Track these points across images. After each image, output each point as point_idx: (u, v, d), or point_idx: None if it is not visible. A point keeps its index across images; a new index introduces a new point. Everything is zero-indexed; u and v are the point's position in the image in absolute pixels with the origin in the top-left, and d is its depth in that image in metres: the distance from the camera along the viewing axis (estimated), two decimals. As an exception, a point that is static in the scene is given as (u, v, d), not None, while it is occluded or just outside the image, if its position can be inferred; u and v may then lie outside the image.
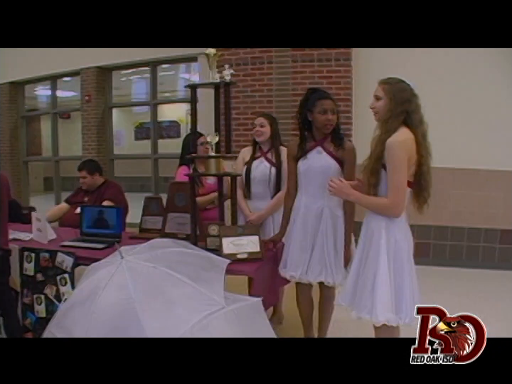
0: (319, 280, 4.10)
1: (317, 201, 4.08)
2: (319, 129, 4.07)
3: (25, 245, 4.76)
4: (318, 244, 4.07)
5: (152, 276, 3.04)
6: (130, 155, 13.53)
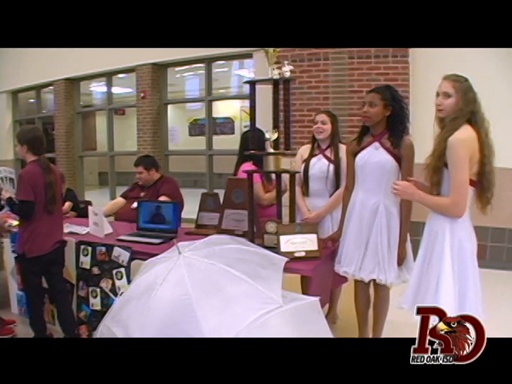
0: (371, 277, 4.04)
1: (372, 197, 4.02)
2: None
3: (82, 239, 4.81)
4: (372, 241, 4.01)
5: (210, 272, 3.00)
6: (185, 151, 13.59)
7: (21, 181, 4.42)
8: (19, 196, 4.41)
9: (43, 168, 4.47)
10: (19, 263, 4.89)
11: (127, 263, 4.37)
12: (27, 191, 4.37)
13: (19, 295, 5.63)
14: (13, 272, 5.64)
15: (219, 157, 10.26)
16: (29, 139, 4.52)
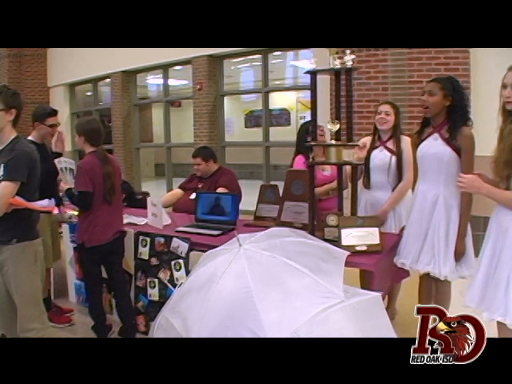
0: (426, 270, 3.94)
1: (432, 188, 3.92)
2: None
3: (141, 229, 4.84)
4: (430, 233, 3.91)
5: (271, 265, 2.96)
6: (242, 142, 13.57)
7: (79, 172, 4.46)
8: (77, 187, 4.44)
9: (100, 159, 4.50)
10: (78, 252, 4.93)
11: (185, 254, 4.36)
12: (85, 182, 4.40)
13: (77, 284, 5.70)
14: (71, 262, 5.71)
15: (275, 149, 10.21)
16: (87, 131, 4.57)
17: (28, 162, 3.52)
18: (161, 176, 15.21)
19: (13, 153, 3.48)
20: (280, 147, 10.58)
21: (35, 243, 3.67)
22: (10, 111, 3.52)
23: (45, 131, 4.96)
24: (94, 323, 4.85)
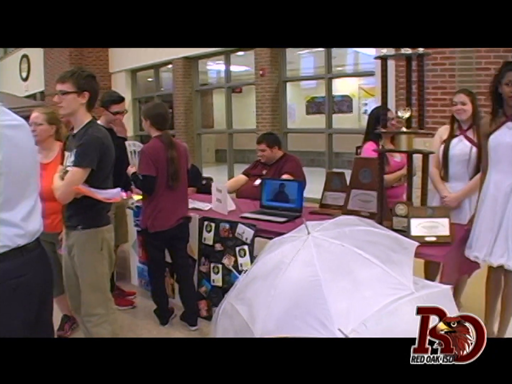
0: (499, 263, 3.80)
1: (507, 179, 3.79)
2: (507, 103, 3.76)
3: (205, 215, 4.84)
4: (504, 225, 3.78)
5: (340, 254, 2.89)
6: (304, 129, 13.50)
7: (143, 156, 4.49)
8: (141, 171, 4.48)
9: (165, 143, 4.52)
10: (142, 237, 4.97)
11: (250, 241, 4.35)
12: (149, 166, 4.43)
13: (140, 267, 5.77)
14: (134, 245, 5.77)
15: (336, 136, 10.10)
16: (153, 115, 4.60)
17: (99, 148, 3.48)
18: (221, 162, 15.30)
19: (84, 139, 3.46)
20: (343, 134, 10.47)
21: (103, 230, 3.66)
22: (82, 94, 3.49)
23: (109, 118, 5.00)
24: (156, 307, 4.89)
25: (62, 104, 3.49)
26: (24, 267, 2.43)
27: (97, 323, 3.68)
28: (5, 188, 2.35)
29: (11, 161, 2.38)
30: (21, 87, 18.10)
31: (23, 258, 2.43)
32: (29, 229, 2.48)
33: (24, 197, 2.47)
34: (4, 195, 2.35)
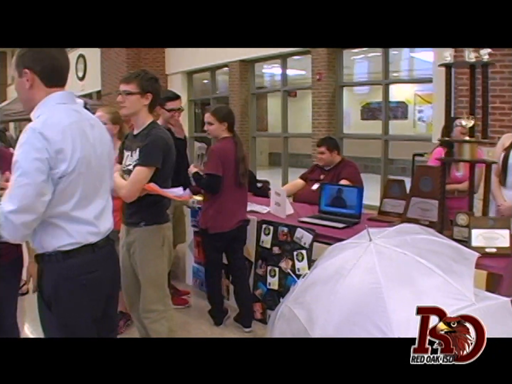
0: None
1: None
2: None
3: (264, 218, 4.87)
4: None
5: (401, 262, 2.88)
6: (360, 135, 13.39)
7: (212, 155, 4.55)
8: (207, 170, 4.52)
9: (236, 144, 4.58)
10: (201, 238, 5.02)
11: (309, 245, 4.36)
12: (216, 165, 4.49)
13: (195, 267, 5.84)
14: (190, 245, 5.84)
15: (391, 142, 10.02)
16: (227, 117, 4.67)
17: (163, 148, 3.58)
18: (275, 165, 15.33)
19: (149, 139, 3.56)
20: (400, 140, 10.37)
21: (164, 227, 3.76)
22: (146, 95, 3.60)
23: (166, 116, 5.07)
24: (211, 307, 4.94)
25: (126, 104, 3.60)
26: (94, 264, 2.53)
27: (155, 319, 3.75)
28: (81, 187, 2.44)
29: (90, 160, 2.47)
30: (77, 86, 18.45)
31: (94, 255, 2.52)
32: (101, 227, 2.58)
33: (97, 196, 2.57)
34: (80, 194, 2.44)
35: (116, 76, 15.38)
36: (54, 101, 2.49)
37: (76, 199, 2.43)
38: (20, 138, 2.34)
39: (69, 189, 2.39)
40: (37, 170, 2.27)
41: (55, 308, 2.48)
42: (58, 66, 2.56)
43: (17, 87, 2.55)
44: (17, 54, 2.51)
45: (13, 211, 2.23)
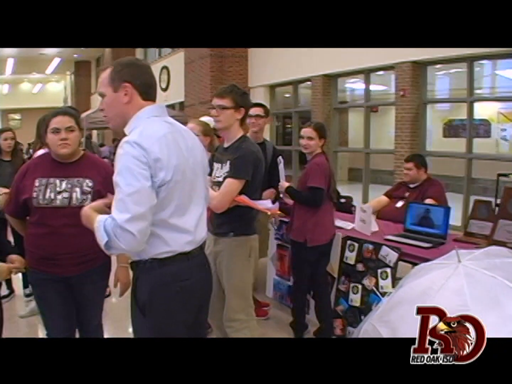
0: None
1: None
2: None
3: (349, 234, 4.88)
4: None
5: (491, 286, 2.85)
6: (443, 152, 13.17)
7: (317, 170, 4.63)
8: (313, 183, 4.58)
9: (327, 159, 4.71)
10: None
11: (394, 264, 4.34)
12: (322, 179, 4.57)
13: (276, 280, 5.90)
14: (273, 258, 5.90)
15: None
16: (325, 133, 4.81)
17: (253, 161, 3.69)
18: (354, 181, 15.25)
19: (240, 152, 3.67)
20: (484, 160, 10.17)
21: (251, 239, 3.85)
22: (239, 110, 3.71)
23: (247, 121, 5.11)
24: (292, 320, 4.99)
25: (220, 118, 3.73)
26: (188, 272, 2.61)
27: (238, 328, 3.84)
28: (178, 195, 2.52)
29: (184, 169, 2.56)
30: (161, 96, 18.86)
31: (188, 263, 2.60)
32: (196, 236, 2.65)
33: (193, 204, 2.63)
34: (177, 202, 2.52)
35: (199, 88, 15.70)
36: (148, 114, 2.59)
37: (173, 207, 2.51)
38: (118, 153, 2.44)
39: (167, 197, 2.47)
40: (143, 177, 2.37)
41: (149, 314, 2.57)
42: (152, 80, 2.68)
43: (110, 102, 2.64)
44: (112, 71, 2.61)
45: (129, 219, 2.31)
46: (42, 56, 30.81)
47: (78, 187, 3.44)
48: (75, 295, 3.56)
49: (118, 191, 2.38)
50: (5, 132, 6.20)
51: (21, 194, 3.48)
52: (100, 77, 2.71)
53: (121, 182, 2.37)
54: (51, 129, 3.45)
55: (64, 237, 3.37)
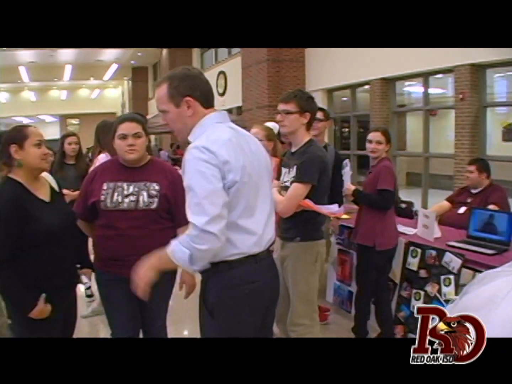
0: None
1: None
2: None
3: (411, 239, 4.86)
4: None
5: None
6: (504, 157, 13.01)
7: (387, 172, 4.65)
8: (384, 186, 4.60)
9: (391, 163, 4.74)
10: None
11: (457, 271, 4.29)
12: (391, 181, 4.60)
13: (337, 285, 5.91)
14: (334, 263, 5.91)
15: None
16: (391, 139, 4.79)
17: (320, 165, 3.72)
18: (412, 186, 15.06)
19: (306, 156, 3.70)
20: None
21: (318, 244, 3.88)
22: (304, 115, 3.75)
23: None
24: (354, 325, 5.00)
25: (285, 122, 3.77)
26: (256, 274, 2.64)
27: (302, 333, 3.84)
28: (245, 197, 2.56)
29: (250, 172, 2.60)
30: (218, 101, 19.01)
31: (256, 265, 2.63)
32: (263, 238, 2.68)
33: (259, 207, 2.66)
34: (245, 203, 2.56)
35: (257, 93, 15.77)
36: (212, 121, 2.65)
37: (241, 208, 2.55)
38: (186, 159, 2.50)
39: (236, 198, 2.52)
40: (215, 179, 2.43)
41: (217, 316, 2.61)
42: (208, 87, 2.74)
43: (176, 118, 2.69)
44: (169, 87, 2.65)
45: (208, 221, 2.36)
46: (99, 63, 31.50)
47: (145, 190, 3.51)
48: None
49: (192, 195, 2.44)
50: (70, 136, 6.35)
51: (89, 198, 3.57)
52: (157, 94, 2.72)
53: (195, 186, 2.43)
54: (118, 135, 3.53)
55: (131, 239, 3.44)
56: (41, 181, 3.34)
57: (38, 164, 3.20)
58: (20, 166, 3.14)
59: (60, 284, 3.28)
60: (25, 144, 3.13)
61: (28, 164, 3.16)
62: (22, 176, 3.17)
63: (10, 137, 3.18)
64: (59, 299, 3.29)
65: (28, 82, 35.65)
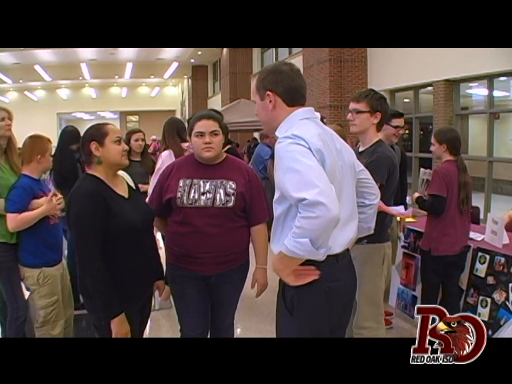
0: None
1: None
2: None
3: (479, 245, 4.82)
4: None
5: None
6: None
7: (436, 176, 4.64)
8: (431, 191, 4.61)
9: (459, 168, 4.63)
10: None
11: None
12: (440, 186, 4.56)
13: (400, 289, 5.89)
14: (398, 266, 5.89)
15: None
16: (450, 139, 4.70)
17: (388, 165, 3.73)
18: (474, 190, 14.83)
19: (375, 156, 3.71)
20: None
21: (385, 246, 3.91)
22: (375, 114, 3.76)
23: (389, 132, 5.09)
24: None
25: (355, 122, 3.79)
26: (337, 273, 2.66)
27: (367, 336, 3.85)
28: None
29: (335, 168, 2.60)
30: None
31: (337, 265, 2.66)
32: (345, 237, 2.72)
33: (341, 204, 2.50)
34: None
35: (318, 92, 15.74)
36: (299, 117, 2.68)
37: None
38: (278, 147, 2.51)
39: None
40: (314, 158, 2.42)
41: (296, 314, 2.64)
42: (297, 86, 2.73)
43: (259, 110, 2.78)
44: (257, 79, 2.75)
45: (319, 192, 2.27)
46: (159, 61, 31.88)
47: (222, 188, 3.56)
48: (212, 293, 3.71)
49: (293, 175, 2.37)
50: (136, 133, 6.44)
51: (165, 194, 3.64)
52: (252, 85, 2.82)
53: (298, 166, 2.37)
54: (195, 133, 3.57)
55: (207, 236, 3.51)
56: (119, 178, 3.42)
57: (119, 161, 3.27)
58: (100, 163, 3.22)
59: (141, 279, 3.35)
60: (105, 141, 3.21)
61: (108, 160, 3.23)
62: (101, 172, 3.25)
63: (90, 135, 3.26)
64: (139, 293, 3.38)
65: (89, 79, 36.37)
